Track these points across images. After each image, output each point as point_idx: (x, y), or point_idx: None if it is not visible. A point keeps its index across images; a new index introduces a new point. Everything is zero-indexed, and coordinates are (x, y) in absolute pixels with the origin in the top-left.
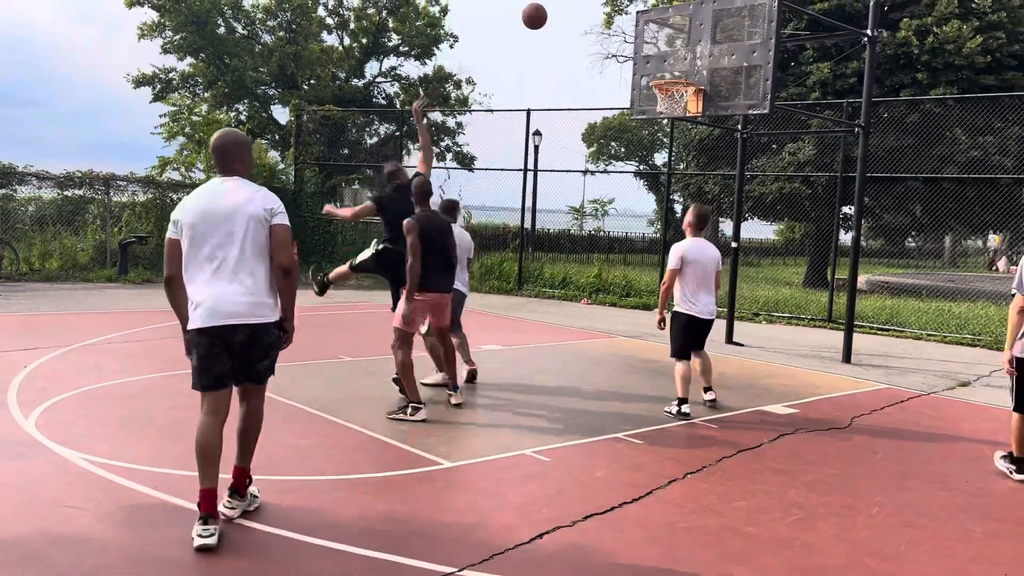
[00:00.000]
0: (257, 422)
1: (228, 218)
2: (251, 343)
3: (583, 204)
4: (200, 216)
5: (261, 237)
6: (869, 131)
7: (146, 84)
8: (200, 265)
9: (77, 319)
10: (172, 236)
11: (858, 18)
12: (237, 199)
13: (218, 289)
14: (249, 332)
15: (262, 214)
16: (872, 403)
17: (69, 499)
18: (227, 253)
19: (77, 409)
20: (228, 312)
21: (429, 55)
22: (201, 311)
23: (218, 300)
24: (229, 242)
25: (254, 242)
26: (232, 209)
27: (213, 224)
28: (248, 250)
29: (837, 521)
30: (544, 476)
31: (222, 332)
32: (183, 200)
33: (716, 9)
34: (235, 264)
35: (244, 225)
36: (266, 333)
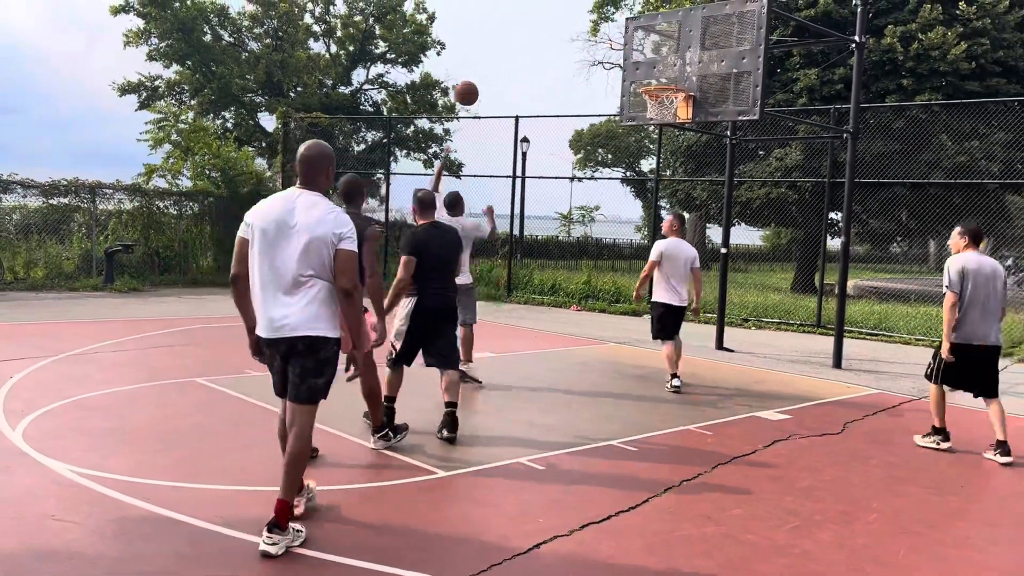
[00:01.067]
0: (299, 448)
1: (297, 232)
2: (300, 357)
3: (570, 211)
4: (272, 223)
5: (325, 257)
6: (857, 137)
7: (132, 92)
8: (262, 271)
9: (63, 329)
10: (243, 235)
11: (844, 25)
12: (311, 217)
13: (273, 300)
14: (300, 345)
15: (330, 237)
16: (864, 408)
17: (57, 512)
18: (288, 265)
19: (64, 420)
20: (279, 325)
21: (416, 62)
22: (261, 320)
23: (271, 311)
24: (292, 255)
25: (318, 260)
26: (304, 225)
27: (282, 234)
28: (309, 266)
29: (834, 528)
30: (539, 485)
31: (275, 344)
32: (261, 202)
33: (705, 16)
34: (293, 277)
35: (310, 241)
36: (319, 349)
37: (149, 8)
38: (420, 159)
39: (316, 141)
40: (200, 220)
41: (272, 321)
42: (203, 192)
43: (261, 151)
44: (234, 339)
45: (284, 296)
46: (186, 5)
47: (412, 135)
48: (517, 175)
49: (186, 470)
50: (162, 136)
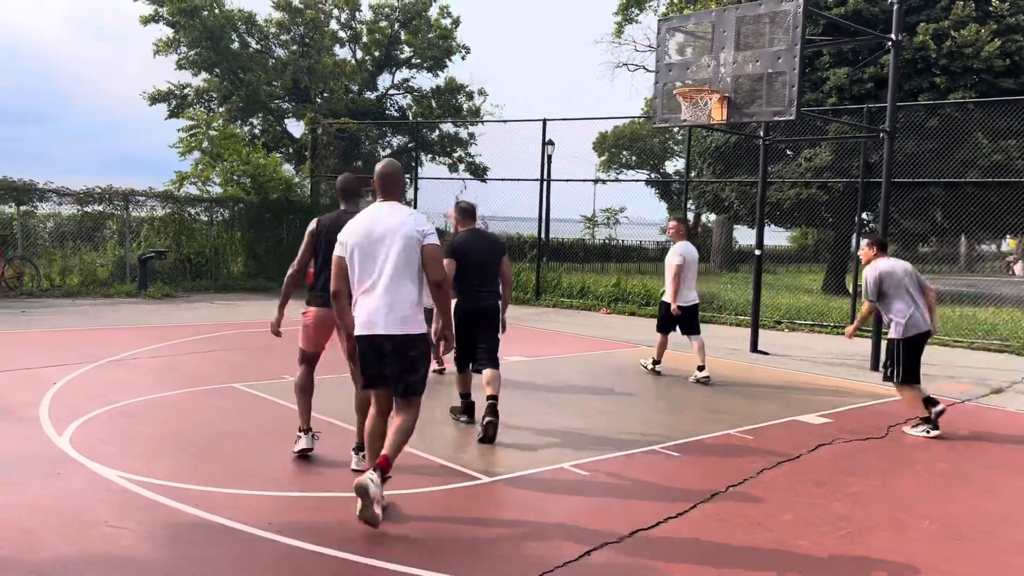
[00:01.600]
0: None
1: (386, 238)
2: (396, 353)
3: (595, 213)
4: (363, 237)
5: (413, 255)
6: (894, 136)
7: (162, 100)
8: (361, 280)
9: (100, 335)
10: (339, 254)
11: (874, 23)
12: (394, 220)
13: (373, 301)
14: (393, 343)
15: (415, 235)
16: (907, 412)
17: (110, 518)
18: (383, 269)
19: (109, 426)
20: (377, 322)
21: (441, 67)
22: (359, 320)
23: (372, 311)
24: (385, 259)
25: (407, 259)
26: (389, 229)
27: (373, 243)
28: (401, 266)
29: (887, 535)
30: (585, 491)
31: (375, 340)
32: (350, 223)
33: (739, 16)
34: (388, 280)
35: (398, 244)
36: (412, 347)
37: (178, 17)
38: (445, 163)
39: (391, 160)
40: (230, 226)
41: (370, 321)
42: (233, 198)
43: (289, 157)
44: (268, 344)
45: (379, 299)
46: (214, 14)
47: (437, 139)
48: (545, 178)
49: (233, 476)
50: (192, 143)
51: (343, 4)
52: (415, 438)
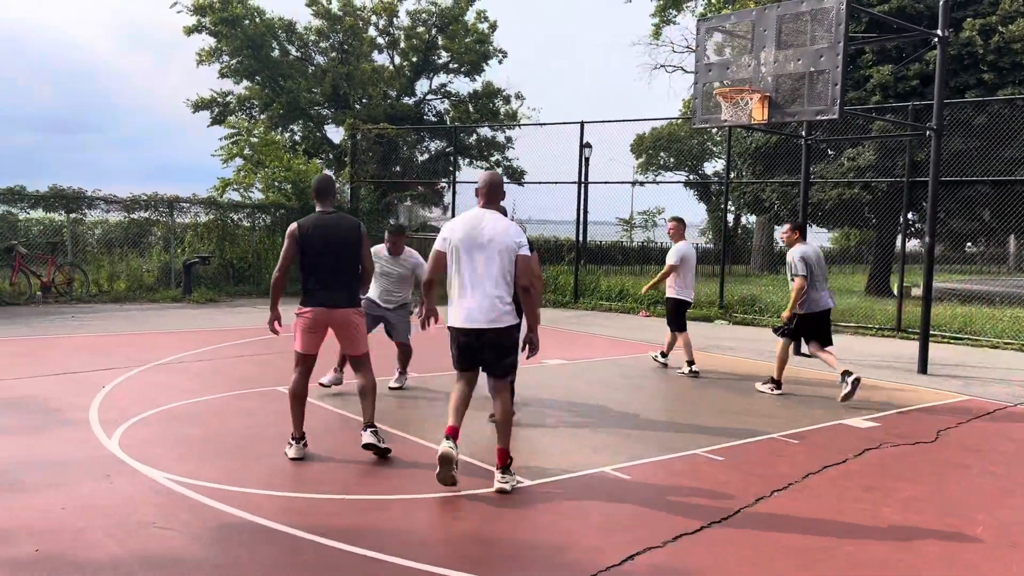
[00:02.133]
0: (505, 413)
1: (488, 243)
2: (494, 343)
3: (632, 216)
4: (467, 237)
5: (509, 262)
6: (941, 134)
7: (204, 108)
8: (461, 276)
9: (146, 339)
10: (440, 248)
11: (919, 19)
12: (497, 229)
13: (472, 299)
14: (493, 335)
15: (512, 245)
16: (956, 415)
17: (158, 520)
18: (485, 270)
19: (157, 428)
20: (476, 318)
21: (478, 71)
22: (461, 314)
23: (471, 308)
24: (488, 261)
25: (505, 264)
26: (492, 236)
27: (476, 246)
28: (499, 270)
29: (939, 542)
30: (626, 494)
31: (475, 333)
32: (454, 222)
33: (780, 14)
34: (487, 279)
35: (499, 250)
36: (506, 337)
37: (220, 27)
38: (483, 167)
39: (494, 172)
40: (272, 231)
41: (471, 316)
42: (275, 204)
43: (329, 163)
44: None
45: (480, 297)
46: (255, 23)
47: (475, 143)
48: (582, 181)
49: (278, 479)
50: (234, 151)
51: (381, 11)
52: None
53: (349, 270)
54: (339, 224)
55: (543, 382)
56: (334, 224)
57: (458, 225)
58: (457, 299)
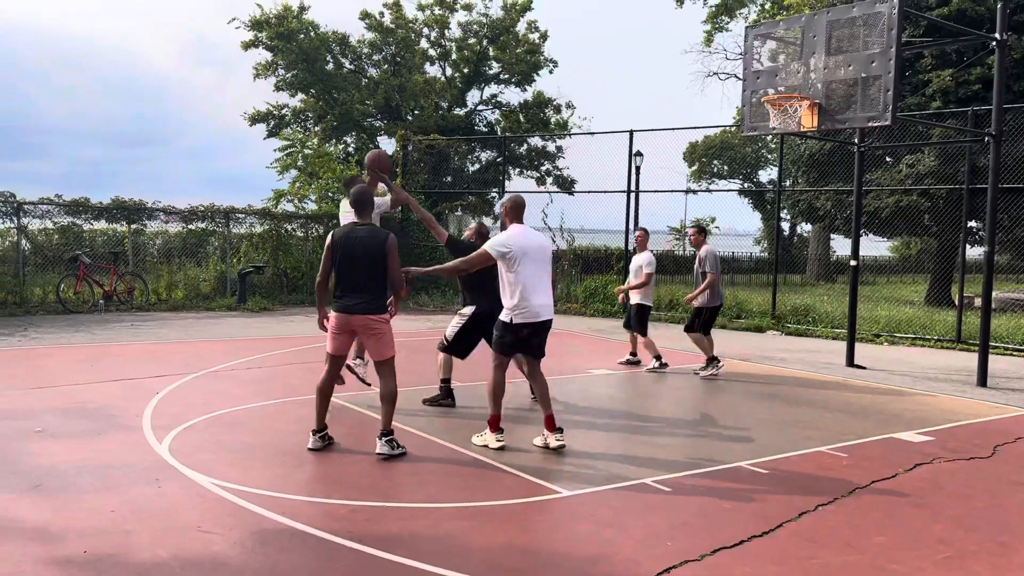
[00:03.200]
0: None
1: (539, 251)
2: (544, 331)
3: (683, 224)
4: (529, 248)
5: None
6: (1001, 140)
7: (261, 121)
8: (530, 281)
9: (202, 347)
10: (502, 250)
11: (979, 22)
12: (543, 241)
13: (539, 298)
14: (548, 324)
15: (551, 250)
16: (1016, 430)
17: (203, 524)
18: (543, 273)
19: (206, 435)
20: (546, 312)
21: (529, 81)
22: (530, 309)
23: (543, 303)
24: (544, 268)
25: (550, 267)
26: (540, 246)
27: (538, 254)
28: (548, 271)
29: (991, 560)
30: (667, 506)
31: (541, 325)
32: (505, 236)
33: (830, 20)
34: (546, 281)
35: (549, 258)
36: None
37: (276, 41)
38: (533, 176)
39: (518, 194)
40: (324, 242)
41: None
42: (328, 215)
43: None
44: None
45: (543, 295)
46: (310, 37)
47: (525, 153)
48: (632, 190)
49: (319, 485)
50: (289, 162)
51: (433, 23)
52: (497, 454)
53: (369, 279)
54: (366, 236)
55: (586, 392)
56: (361, 236)
57: (513, 239)
58: (529, 298)
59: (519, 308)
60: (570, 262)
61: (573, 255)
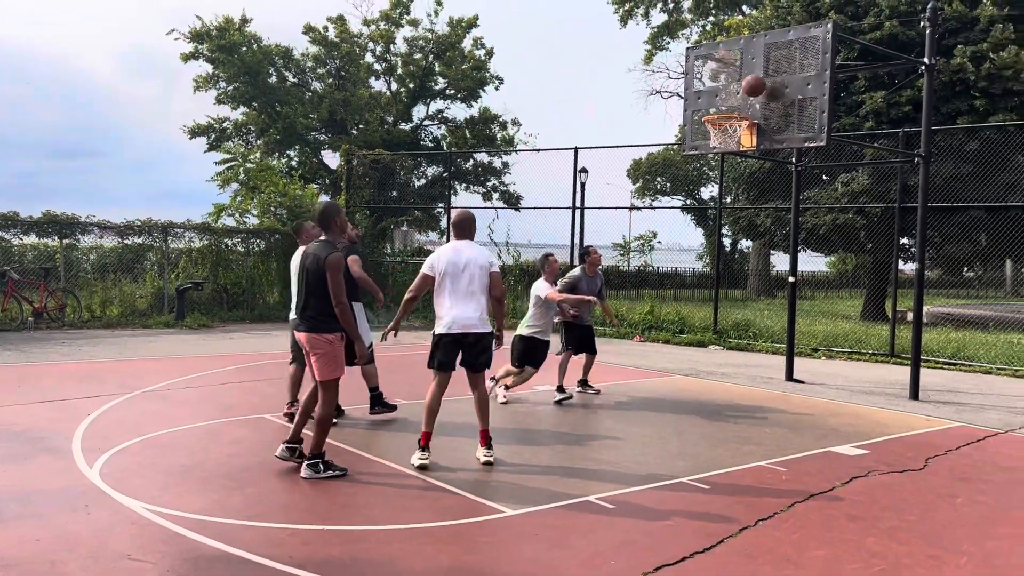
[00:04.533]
0: (484, 398)
1: (467, 265)
2: (476, 344)
3: (628, 240)
4: (449, 264)
5: (484, 279)
6: (930, 160)
7: (201, 134)
8: (448, 293)
9: (136, 366)
10: (427, 273)
11: (911, 46)
12: (473, 256)
13: (461, 311)
14: (476, 337)
15: (485, 264)
16: (946, 443)
17: (134, 552)
18: (469, 287)
19: (139, 457)
20: (464, 324)
21: (475, 97)
22: (447, 322)
23: (458, 316)
24: (470, 282)
25: (480, 281)
26: (468, 260)
27: (458, 269)
28: (477, 286)
29: (922, 572)
30: (610, 524)
31: (461, 336)
32: (437, 252)
33: (768, 42)
34: (472, 295)
35: (475, 271)
36: (485, 339)
37: (217, 54)
38: (479, 192)
39: (465, 210)
40: (267, 257)
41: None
42: (269, 229)
43: (325, 188)
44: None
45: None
46: (252, 49)
47: (471, 169)
48: (577, 206)
49: (258, 508)
50: (230, 176)
51: (378, 37)
52: (441, 472)
53: (310, 296)
54: (312, 253)
55: (531, 408)
56: (308, 253)
57: (442, 255)
58: (446, 312)
59: (441, 321)
60: (516, 278)
61: (519, 271)
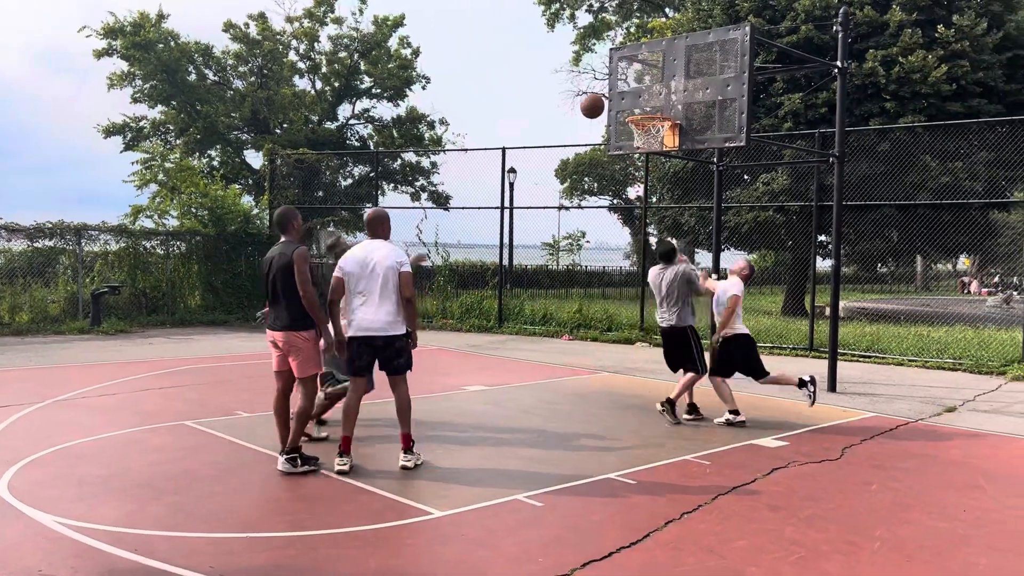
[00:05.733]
0: (403, 401)
1: (375, 266)
2: (386, 348)
3: (558, 240)
4: (356, 264)
5: (394, 279)
6: (844, 160)
7: (116, 133)
8: (355, 295)
9: (49, 374)
10: (338, 275)
11: (826, 50)
12: (382, 256)
13: (366, 312)
14: (385, 340)
15: (394, 264)
16: (862, 432)
17: (45, 566)
18: (376, 288)
19: (51, 469)
20: (366, 327)
21: (402, 96)
22: (352, 325)
23: (362, 319)
24: (377, 283)
25: (391, 282)
26: (376, 261)
27: (364, 269)
28: (386, 287)
29: (840, 558)
30: (538, 522)
31: (367, 339)
32: (348, 252)
33: (689, 44)
34: (379, 295)
35: (383, 271)
36: (397, 341)
37: (132, 51)
38: (407, 192)
39: (378, 208)
40: (188, 259)
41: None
42: (190, 231)
43: (248, 188)
44: (225, 380)
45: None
46: (169, 47)
47: (399, 168)
48: (506, 206)
49: (178, 518)
50: (148, 176)
51: (302, 35)
52: (364, 472)
53: (282, 295)
54: (278, 253)
55: (461, 409)
56: (274, 254)
57: (351, 255)
58: (352, 314)
59: (350, 323)
60: (446, 278)
61: (448, 271)
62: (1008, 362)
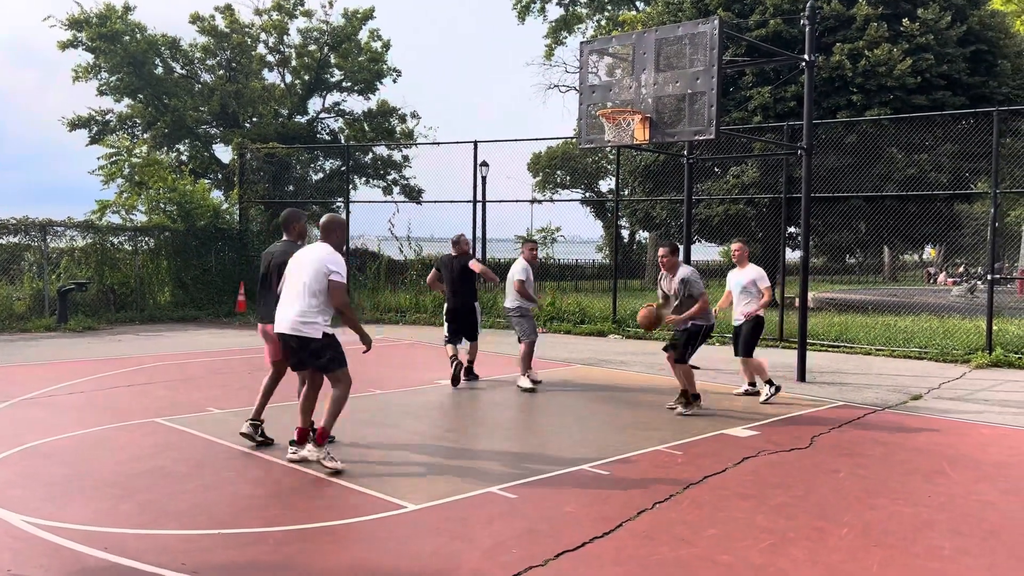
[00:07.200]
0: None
1: (301, 267)
2: (300, 349)
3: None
4: (283, 260)
5: (320, 283)
6: (812, 153)
7: (82, 126)
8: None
9: (15, 372)
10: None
11: (794, 43)
12: (313, 256)
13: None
14: (299, 341)
15: (323, 269)
16: (830, 421)
17: (13, 566)
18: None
19: (18, 468)
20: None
21: (372, 90)
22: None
23: (278, 316)
24: (298, 281)
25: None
26: (299, 260)
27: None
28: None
29: (808, 545)
30: (512, 514)
31: (283, 336)
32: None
33: (659, 38)
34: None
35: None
36: (310, 344)
37: (98, 43)
38: (379, 186)
39: (334, 214)
40: (156, 255)
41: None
42: (158, 226)
43: (217, 183)
44: (195, 376)
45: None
46: (136, 39)
47: (370, 162)
48: (478, 200)
49: (148, 516)
50: (115, 171)
51: (271, 28)
52: (344, 470)
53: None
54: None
55: (434, 403)
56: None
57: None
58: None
59: None
60: (418, 272)
61: (421, 264)
62: (972, 350)
